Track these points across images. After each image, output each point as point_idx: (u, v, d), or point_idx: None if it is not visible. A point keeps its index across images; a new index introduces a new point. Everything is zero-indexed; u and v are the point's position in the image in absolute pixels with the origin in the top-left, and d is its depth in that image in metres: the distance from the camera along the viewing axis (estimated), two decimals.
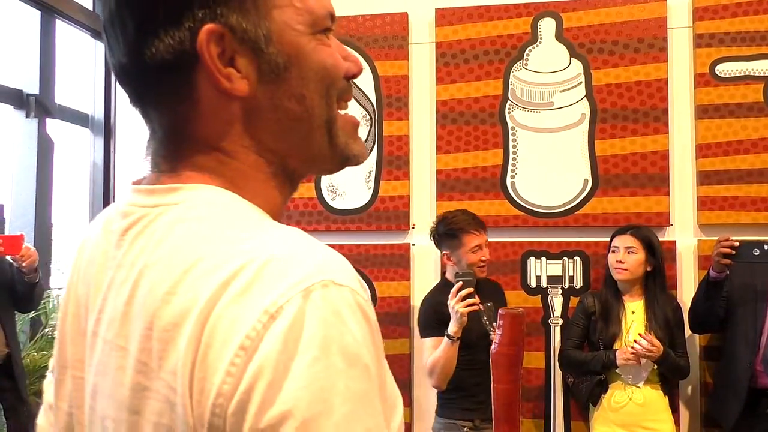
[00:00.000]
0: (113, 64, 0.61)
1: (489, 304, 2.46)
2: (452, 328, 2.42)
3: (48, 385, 0.70)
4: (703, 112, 2.98)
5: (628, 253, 2.68)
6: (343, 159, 0.66)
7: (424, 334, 2.63)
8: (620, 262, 2.68)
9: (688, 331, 2.81)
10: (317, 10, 0.61)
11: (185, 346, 0.49)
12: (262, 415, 0.46)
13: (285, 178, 0.63)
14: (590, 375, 2.71)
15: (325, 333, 0.48)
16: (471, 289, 2.41)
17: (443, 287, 2.67)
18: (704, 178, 2.96)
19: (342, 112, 0.65)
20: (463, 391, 2.55)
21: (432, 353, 2.52)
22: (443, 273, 2.80)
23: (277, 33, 0.59)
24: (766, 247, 2.49)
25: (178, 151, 0.61)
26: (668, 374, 2.65)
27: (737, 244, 2.50)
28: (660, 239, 2.93)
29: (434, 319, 2.58)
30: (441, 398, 2.65)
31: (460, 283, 2.43)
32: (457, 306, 2.39)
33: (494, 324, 2.44)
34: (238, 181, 0.60)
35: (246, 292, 0.49)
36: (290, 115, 0.61)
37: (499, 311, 2.09)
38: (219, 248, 0.52)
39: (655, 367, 2.63)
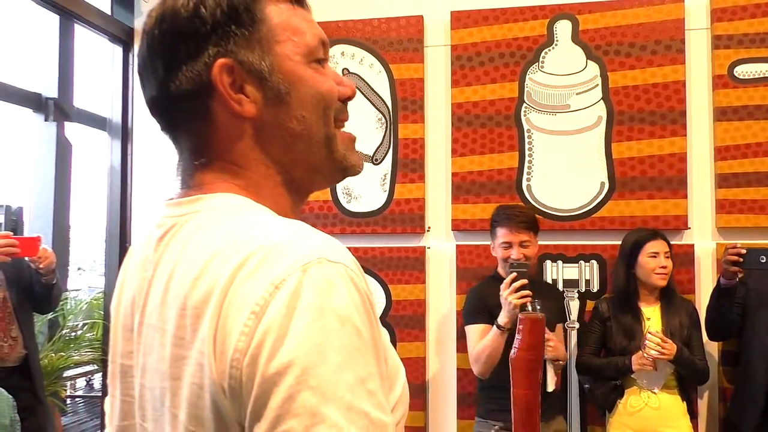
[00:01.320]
0: (147, 98, 0.75)
1: (537, 300, 2.42)
2: (503, 318, 2.42)
3: (108, 405, 0.82)
4: (721, 114, 2.95)
5: (666, 258, 2.67)
6: (342, 169, 0.77)
7: (469, 320, 2.64)
8: (664, 267, 2.66)
9: (705, 338, 2.79)
10: (311, 42, 0.74)
11: (210, 317, 0.60)
12: (270, 364, 0.56)
13: (293, 187, 0.76)
14: (606, 380, 2.69)
15: (320, 299, 0.58)
16: (525, 281, 2.39)
17: (492, 280, 2.68)
18: (722, 180, 2.94)
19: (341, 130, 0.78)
20: (498, 389, 2.50)
21: (477, 341, 2.52)
22: (495, 267, 2.76)
23: (278, 64, 0.72)
24: None
25: (200, 166, 0.74)
26: (687, 375, 2.62)
27: (744, 251, 2.48)
28: (678, 242, 2.92)
29: (479, 307, 2.59)
30: (478, 397, 2.64)
31: (514, 273, 2.41)
32: (510, 297, 2.37)
33: None
34: (251, 187, 0.72)
35: (256, 271, 0.60)
36: (292, 132, 0.73)
37: (519, 315, 2.07)
38: (233, 241, 0.63)
39: (672, 372, 2.61)
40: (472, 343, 2.57)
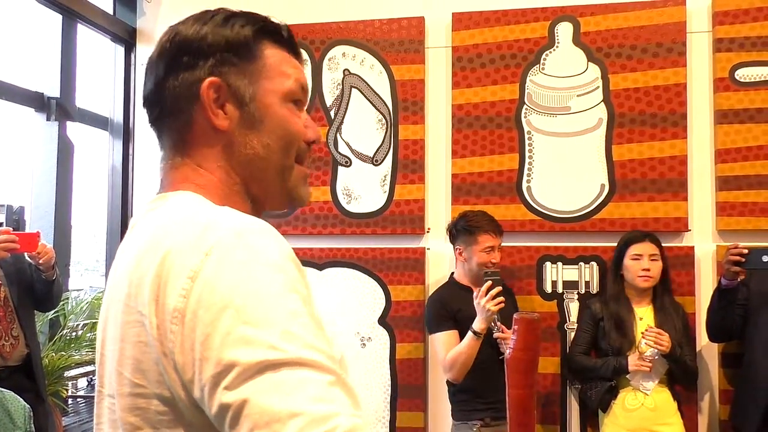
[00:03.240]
0: (145, 92, 0.87)
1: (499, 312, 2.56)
2: (479, 325, 2.52)
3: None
4: (722, 117, 2.95)
5: (652, 260, 2.70)
6: (290, 198, 0.88)
7: (436, 329, 2.72)
8: (646, 270, 2.69)
9: (706, 339, 2.79)
10: (293, 87, 0.86)
11: (149, 285, 0.70)
12: (208, 312, 0.65)
13: (248, 198, 0.86)
14: (600, 381, 2.70)
15: (247, 254, 0.67)
16: (500, 288, 2.51)
17: (451, 286, 2.80)
18: (723, 183, 2.93)
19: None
20: (471, 392, 2.65)
21: (448, 348, 2.61)
22: (452, 273, 2.86)
23: (260, 96, 0.84)
24: None
25: (173, 166, 0.85)
26: (678, 374, 2.65)
27: (746, 251, 2.49)
28: (678, 245, 2.93)
29: (443, 314, 2.69)
30: (453, 402, 2.74)
31: (489, 282, 2.52)
32: (488, 305, 2.47)
33: (499, 323, 2.57)
34: (209, 187, 0.82)
35: (189, 245, 0.69)
36: (255, 153, 0.84)
37: (515, 316, 2.09)
38: (172, 226, 0.74)
39: (665, 372, 2.63)
40: (443, 350, 2.65)
